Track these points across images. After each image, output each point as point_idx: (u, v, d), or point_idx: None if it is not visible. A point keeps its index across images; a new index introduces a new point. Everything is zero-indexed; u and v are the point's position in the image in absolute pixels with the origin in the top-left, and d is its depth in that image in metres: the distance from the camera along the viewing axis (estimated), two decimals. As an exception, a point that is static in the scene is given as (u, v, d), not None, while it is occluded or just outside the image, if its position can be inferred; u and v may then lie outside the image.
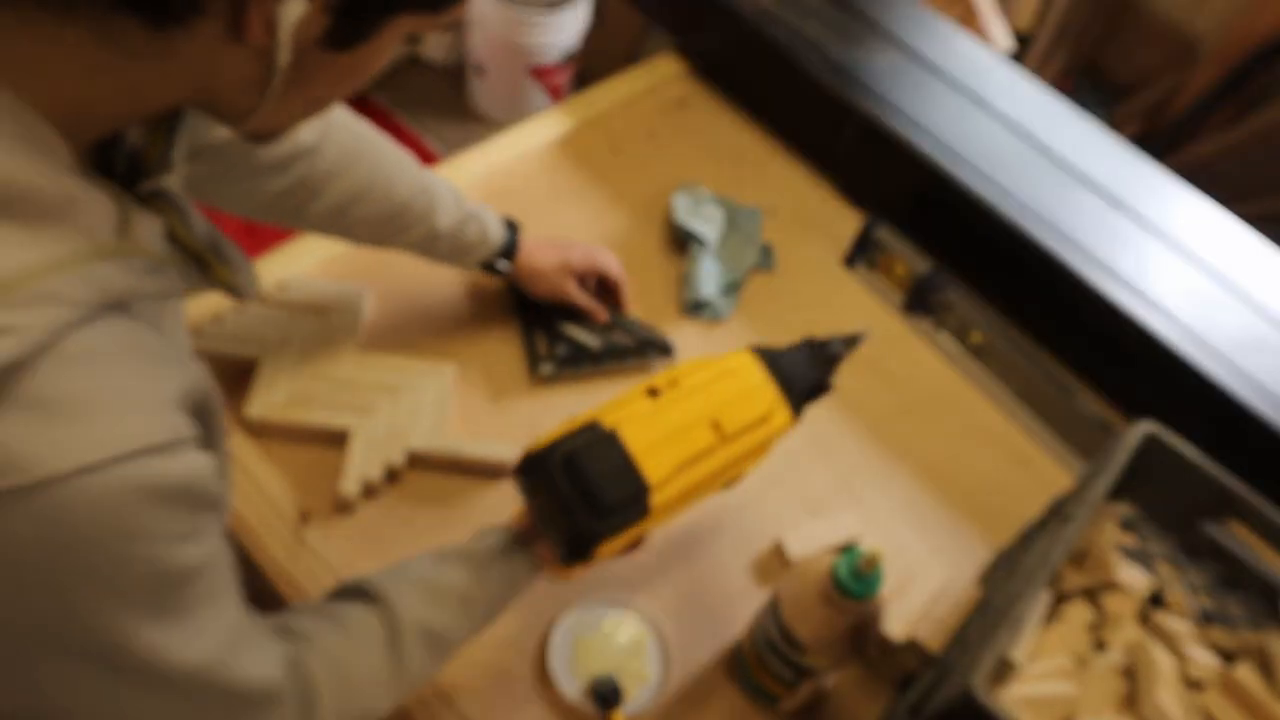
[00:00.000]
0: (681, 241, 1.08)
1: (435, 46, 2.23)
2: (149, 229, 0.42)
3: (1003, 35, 1.87)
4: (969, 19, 1.82)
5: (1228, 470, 0.72)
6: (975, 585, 0.84)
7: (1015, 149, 1.10)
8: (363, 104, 2.15)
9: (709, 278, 1.04)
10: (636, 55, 1.36)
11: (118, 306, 0.40)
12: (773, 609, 0.72)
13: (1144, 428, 0.73)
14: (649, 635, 0.81)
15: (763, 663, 0.75)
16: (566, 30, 2.02)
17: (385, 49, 0.45)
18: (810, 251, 1.12)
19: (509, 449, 0.88)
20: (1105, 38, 2.20)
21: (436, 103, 2.22)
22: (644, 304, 1.03)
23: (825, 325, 1.05)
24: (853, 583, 0.66)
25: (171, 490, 0.39)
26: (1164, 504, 0.79)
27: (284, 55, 0.40)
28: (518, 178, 1.12)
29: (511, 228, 0.91)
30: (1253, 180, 1.95)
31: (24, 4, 0.36)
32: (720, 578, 0.86)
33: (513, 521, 0.68)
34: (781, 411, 0.66)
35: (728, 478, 0.67)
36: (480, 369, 0.96)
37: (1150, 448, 0.73)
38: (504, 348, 0.97)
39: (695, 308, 1.03)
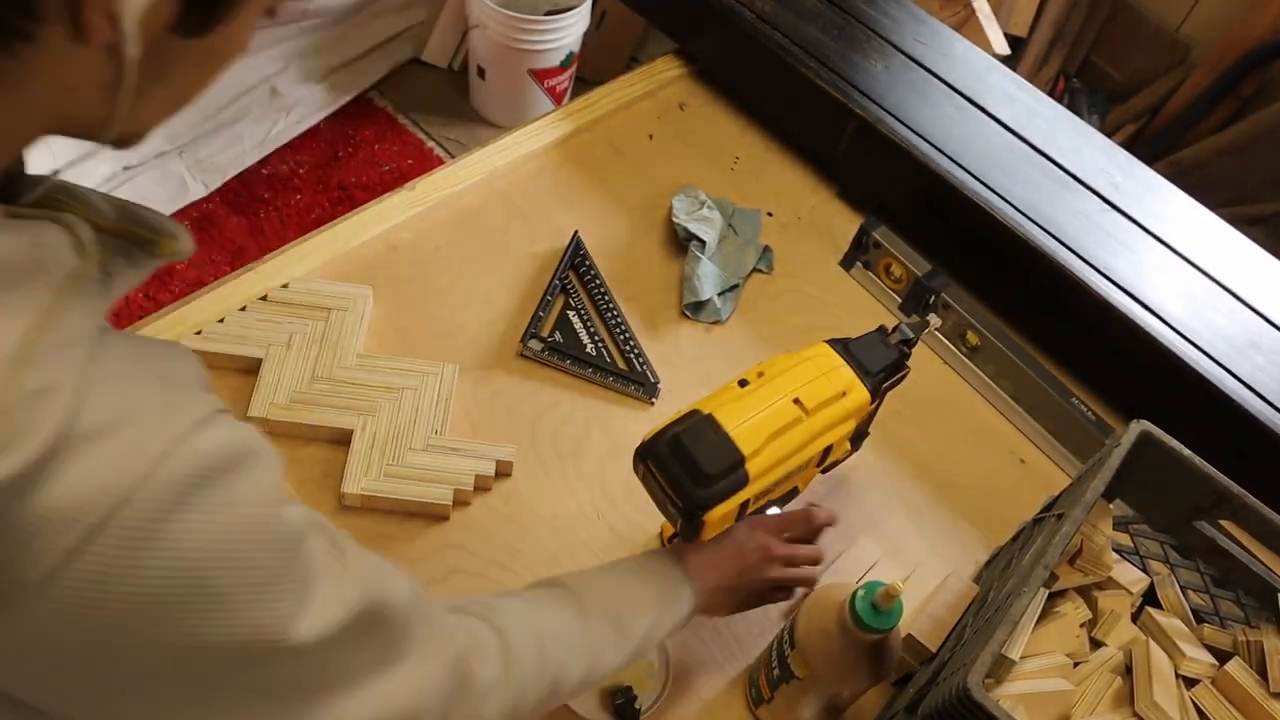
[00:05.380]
0: (681, 243, 1.09)
1: (437, 50, 2.24)
2: (85, 234, 0.40)
3: (999, 39, 1.88)
4: (966, 23, 1.83)
5: (1222, 470, 0.73)
6: (972, 583, 0.85)
7: (1011, 152, 1.11)
8: (366, 106, 2.15)
9: (708, 279, 1.04)
10: (636, 58, 1.36)
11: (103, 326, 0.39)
12: (789, 635, 0.73)
13: (1139, 427, 0.74)
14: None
15: (775, 688, 0.75)
16: (567, 33, 2.03)
17: (246, 26, 0.42)
18: (810, 253, 1.13)
19: (510, 448, 0.89)
20: (1100, 42, 2.21)
21: (438, 105, 2.22)
22: (644, 304, 1.04)
23: (825, 327, 1.06)
24: (871, 616, 0.66)
25: (238, 455, 0.39)
26: (1158, 503, 0.79)
27: (134, 49, 0.36)
28: (519, 180, 1.13)
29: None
30: (1245, 182, 1.96)
31: None
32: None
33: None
34: (858, 389, 0.74)
35: (814, 450, 0.73)
36: (483, 369, 0.96)
37: (1145, 447, 0.74)
38: (507, 347, 0.98)
39: (694, 309, 1.04)
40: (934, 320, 0.79)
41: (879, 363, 0.76)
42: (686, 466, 0.66)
